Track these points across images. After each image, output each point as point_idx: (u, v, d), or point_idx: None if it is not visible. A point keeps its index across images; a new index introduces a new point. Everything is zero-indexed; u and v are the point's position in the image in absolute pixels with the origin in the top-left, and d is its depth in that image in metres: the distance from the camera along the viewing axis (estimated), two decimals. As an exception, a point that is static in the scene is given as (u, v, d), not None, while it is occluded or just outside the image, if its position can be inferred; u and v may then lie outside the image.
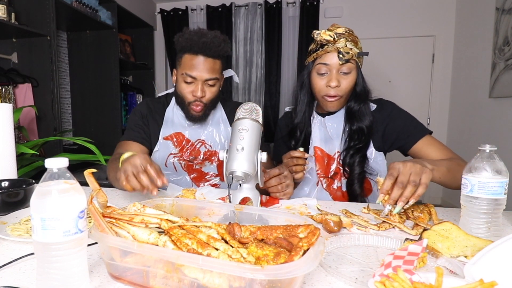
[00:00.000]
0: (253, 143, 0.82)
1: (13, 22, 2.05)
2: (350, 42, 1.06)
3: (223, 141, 1.27)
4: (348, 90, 1.10)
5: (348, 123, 1.15)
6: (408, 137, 1.10)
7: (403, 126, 1.11)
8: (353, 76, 1.09)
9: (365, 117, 1.12)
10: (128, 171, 0.82)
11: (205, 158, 1.26)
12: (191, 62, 1.12)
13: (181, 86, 1.17)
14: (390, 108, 1.15)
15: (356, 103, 1.13)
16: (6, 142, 1.09)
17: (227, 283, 0.44)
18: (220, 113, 1.30)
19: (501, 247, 0.54)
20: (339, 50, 1.06)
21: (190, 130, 1.26)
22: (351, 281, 0.52)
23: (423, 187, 0.77)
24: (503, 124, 2.59)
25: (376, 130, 1.13)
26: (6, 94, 2.21)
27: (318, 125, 1.19)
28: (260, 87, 3.77)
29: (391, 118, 1.13)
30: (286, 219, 0.62)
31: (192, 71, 1.12)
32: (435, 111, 3.60)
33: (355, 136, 1.13)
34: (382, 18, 3.58)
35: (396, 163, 0.83)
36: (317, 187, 1.17)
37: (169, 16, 3.89)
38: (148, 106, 1.29)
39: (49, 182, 0.46)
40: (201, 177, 1.27)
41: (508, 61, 2.45)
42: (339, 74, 1.08)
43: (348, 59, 1.06)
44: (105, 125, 3.06)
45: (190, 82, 1.14)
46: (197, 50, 1.11)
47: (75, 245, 0.45)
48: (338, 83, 1.08)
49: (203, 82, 1.14)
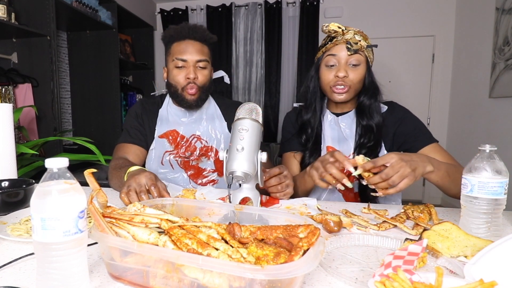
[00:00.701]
0: (253, 143, 0.82)
1: (13, 22, 2.05)
2: (359, 35, 1.08)
3: (219, 137, 1.28)
4: (356, 82, 1.10)
5: (359, 119, 1.14)
6: (415, 141, 1.10)
7: (412, 130, 1.11)
8: (362, 69, 1.09)
9: (374, 115, 1.12)
10: (131, 187, 0.85)
11: (201, 153, 1.26)
12: (180, 47, 1.18)
13: (173, 73, 1.20)
14: (402, 112, 1.15)
15: (367, 99, 1.12)
16: (6, 142, 1.09)
17: (227, 283, 0.44)
18: (214, 109, 1.32)
19: (501, 247, 0.54)
20: (348, 41, 1.07)
21: (185, 126, 1.27)
22: (351, 281, 0.52)
23: (396, 190, 0.83)
24: (503, 124, 2.59)
25: (387, 132, 1.13)
26: (6, 94, 2.21)
27: (332, 124, 1.18)
28: (260, 87, 3.77)
29: (402, 121, 1.13)
30: (286, 219, 0.62)
31: (182, 55, 1.17)
32: (435, 111, 3.60)
33: (366, 134, 1.12)
34: (382, 18, 3.58)
35: (395, 154, 0.84)
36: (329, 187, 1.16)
37: (169, 16, 3.89)
38: (142, 106, 1.30)
39: (49, 182, 0.46)
40: (198, 174, 1.27)
41: (508, 61, 2.45)
42: (347, 65, 1.09)
43: (356, 50, 1.06)
44: (105, 125, 3.06)
45: (181, 67, 1.18)
46: (185, 34, 1.18)
47: (75, 245, 0.45)
48: (346, 74, 1.08)
49: (194, 65, 1.18)
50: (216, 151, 1.27)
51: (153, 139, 1.26)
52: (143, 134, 1.26)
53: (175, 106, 1.30)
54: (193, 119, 1.28)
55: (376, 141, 1.11)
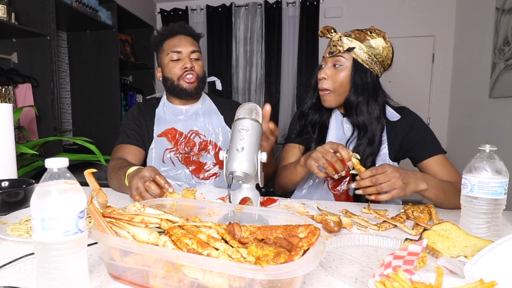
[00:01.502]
0: (253, 143, 0.82)
1: (13, 22, 2.05)
2: (350, 37, 1.06)
3: (217, 130, 1.30)
4: (337, 85, 1.08)
5: (346, 115, 1.14)
6: (422, 150, 1.09)
7: (421, 139, 1.10)
8: (345, 71, 1.07)
9: (363, 114, 1.08)
10: (141, 188, 0.86)
11: (201, 148, 1.28)
12: (173, 41, 1.25)
13: (169, 67, 1.25)
14: (412, 119, 1.14)
15: (354, 97, 1.09)
16: (6, 142, 1.09)
17: (227, 283, 0.44)
18: (209, 105, 1.35)
19: (501, 247, 0.54)
20: (330, 43, 1.08)
21: (182, 123, 1.29)
22: (351, 281, 0.52)
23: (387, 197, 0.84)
24: (503, 124, 2.59)
25: (396, 138, 1.12)
26: (6, 94, 2.21)
27: (338, 123, 1.18)
28: (260, 87, 3.77)
29: (412, 127, 1.12)
30: (286, 219, 0.62)
31: (176, 47, 1.24)
32: (435, 111, 3.60)
33: (355, 132, 1.11)
34: (382, 18, 3.58)
35: (389, 165, 0.86)
36: (323, 186, 1.16)
37: (169, 16, 3.89)
38: (139, 108, 1.33)
39: (49, 182, 0.46)
40: (200, 168, 1.28)
41: (508, 61, 2.45)
42: (331, 67, 1.09)
43: (333, 52, 1.07)
44: (105, 125, 3.06)
45: (177, 59, 1.24)
46: (176, 30, 1.26)
47: (75, 245, 0.45)
48: (325, 75, 1.08)
49: (189, 55, 1.25)
50: (215, 144, 1.29)
51: (152, 139, 1.27)
52: (140, 135, 1.28)
53: (171, 105, 1.32)
54: (190, 115, 1.30)
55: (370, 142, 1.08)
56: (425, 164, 1.09)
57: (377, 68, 1.09)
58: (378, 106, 1.10)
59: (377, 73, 1.10)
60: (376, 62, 1.08)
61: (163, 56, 1.26)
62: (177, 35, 1.26)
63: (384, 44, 1.07)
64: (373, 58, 1.07)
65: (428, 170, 1.08)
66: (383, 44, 1.07)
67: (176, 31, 1.26)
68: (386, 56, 1.09)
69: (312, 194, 1.17)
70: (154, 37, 1.30)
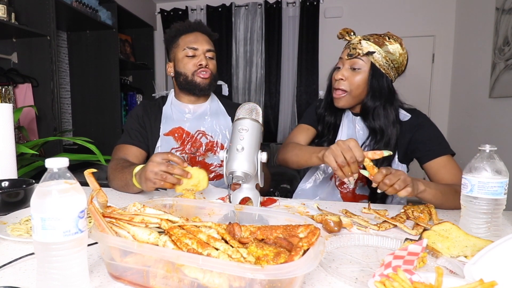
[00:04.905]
0: (253, 143, 0.82)
1: (13, 22, 2.05)
2: (369, 41, 1.06)
3: (224, 132, 1.29)
4: (354, 87, 1.09)
5: (362, 119, 1.14)
6: (428, 151, 1.08)
7: (428, 139, 1.09)
8: (363, 74, 1.08)
9: (380, 119, 1.09)
10: (160, 173, 0.87)
11: (207, 149, 1.27)
12: (190, 37, 1.25)
13: (183, 62, 1.24)
14: (421, 119, 1.13)
15: (371, 101, 1.09)
16: (6, 142, 1.09)
17: (227, 283, 0.44)
18: (217, 105, 1.34)
19: (501, 247, 0.54)
20: (350, 46, 1.08)
21: (189, 122, 1.28)
22: (351, 281, 0.52)
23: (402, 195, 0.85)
24: (503, 124, 2.58)
25: (403, 138, 1.11)
26: (6, 94, 2.21)
27: (349, 122, 1.18)
28: (260, 87, 3.77)
29: (419, 127, 1.11)
30: (286, 219, 0.62)
31: (193, 44, 1.23)
32: (435, 111, 3.60)
33: (371, 136, 1.11)
34: (382, 18, 3.58)
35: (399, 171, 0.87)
36: (330, 182, 1.16)
37: (169, 16, 3.89)
38: (144, 107, 1.31)
39: (49, 182, 0.46)
40: (205, 169, 1.27)
41: (508, 61, 2.45)
42: (348, 69, 1.09)
43: (352, 54, 1.07)
44: (105, 125, 3.06)
45: (192, 56, 1.23)
46: (193, 27, 1.26)
47: (75, 245, 0.45)
48: (343, 77, 1.08)
49: (204, 53, 1.24)
50: (221, 145, 1.28)
51: (158, 138, 1.25)
52: (143, 136, 1.26)
53: (179, 103, 1.30)
54: (197, 115, 1.29)
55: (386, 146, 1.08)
56: (430, 165, 1.08)
57: (392, 74, 1.10)
58: (394, 110, 1.11)
59: (391, 78, 1.11)
60: (393, 67, 1.09)
61: (178, 51, 1.25)
62: (194, 31, 1.26)
63: (401, 51, 1.08)
64: (390, 64, 1.08)
65: (431, 172, 1.07)
66: (400, 50, 1.08)
67: (194, 28, 1.26)
68: (401, 62, 1.10)
69: (317, 190, 1.16)
70: (169, 31, 1.28)
